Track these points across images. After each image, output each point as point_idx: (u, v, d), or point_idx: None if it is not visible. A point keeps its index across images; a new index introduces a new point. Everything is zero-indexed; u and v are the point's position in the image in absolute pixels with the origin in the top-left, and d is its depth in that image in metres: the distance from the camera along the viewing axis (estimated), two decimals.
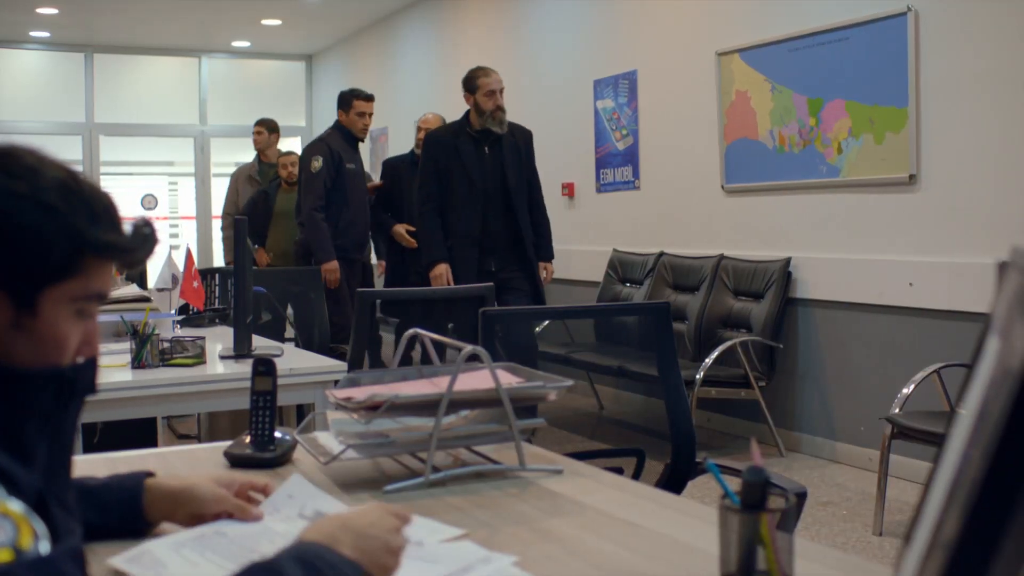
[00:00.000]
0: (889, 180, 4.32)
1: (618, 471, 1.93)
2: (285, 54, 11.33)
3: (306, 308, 4.67)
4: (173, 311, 3.84)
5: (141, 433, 3.70)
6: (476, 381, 1.56)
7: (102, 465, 1.59)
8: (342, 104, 5.92)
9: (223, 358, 3.01)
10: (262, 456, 1.64)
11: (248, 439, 1.67)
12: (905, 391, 3.75)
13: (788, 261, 4.79)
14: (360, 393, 1.55)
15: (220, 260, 9.42)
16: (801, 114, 4.75)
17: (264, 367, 1.70)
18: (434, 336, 1.74)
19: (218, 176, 10.72)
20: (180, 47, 10.73)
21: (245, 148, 9.21)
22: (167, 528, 1.29)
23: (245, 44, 10.77)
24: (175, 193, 11.61)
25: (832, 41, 4.56)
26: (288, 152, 7.09)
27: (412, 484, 1.50)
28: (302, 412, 3.70)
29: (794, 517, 1.04)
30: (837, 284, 4.60)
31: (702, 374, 4.58)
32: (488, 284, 3.36)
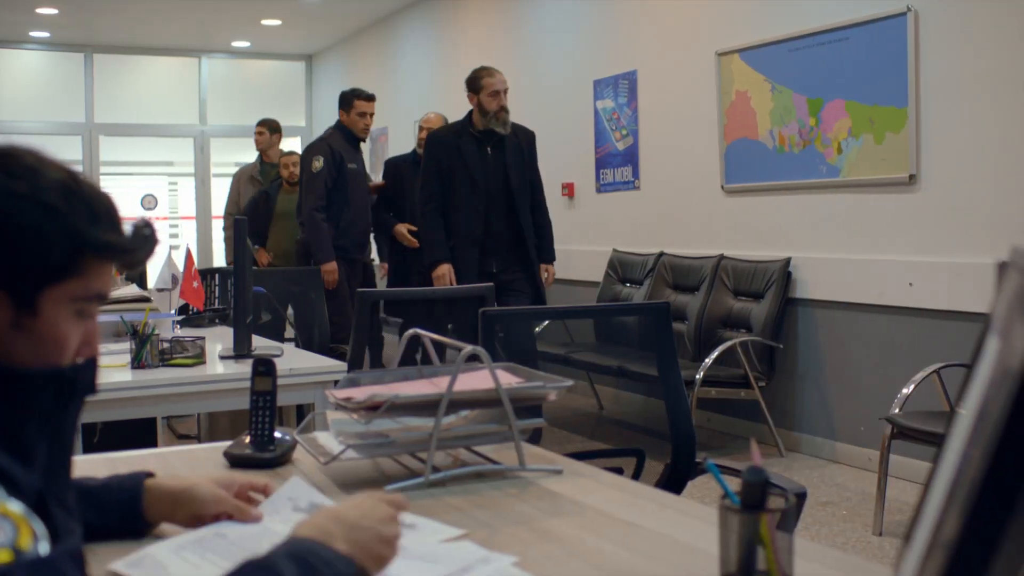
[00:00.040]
0: (889, 180, 4.32)
1: (618, 471, 1.93)
2: (285, 54, 11.32)
3: (306, 308, 4.67)
4: (173, 311, 3.84)
5: (141, 433, 3.70)
6: (476, 381, 1.56)
7: (102, 465, 1.59)
8: (343, 104, 5.91)
9: (223, 358, 3.01)
10: (262, 456, 1.64)
11: (248, 439, 1.67)
12: (905, 391, 3.75)
13: (788, 261, 4.79)
14: (360, 393, 1.55)
15: (220, 260, 9.42)
16: (801, 114, 4.75)
17: (264, 367, 1.70)
18: (434, 336, 1.74)
19: (218, 176, 10.72)
20: (180, 47, 10.73)
21: (245, 148, 9.21)
22: (167, 529, 1.29)
23: (245, 44, 10.77)
24: (175, 193, 11.60)
25: (832, 41, 4.56)
26: (290, 152, 7.08)
27: (412, 484, 1.50)
28: (302, 412, 3.70)
29: (794, 517, 1.04)
30: (837, 284, 4.60)
31: (702, 374, 4.58)
32: (488, 284, 3.35)
